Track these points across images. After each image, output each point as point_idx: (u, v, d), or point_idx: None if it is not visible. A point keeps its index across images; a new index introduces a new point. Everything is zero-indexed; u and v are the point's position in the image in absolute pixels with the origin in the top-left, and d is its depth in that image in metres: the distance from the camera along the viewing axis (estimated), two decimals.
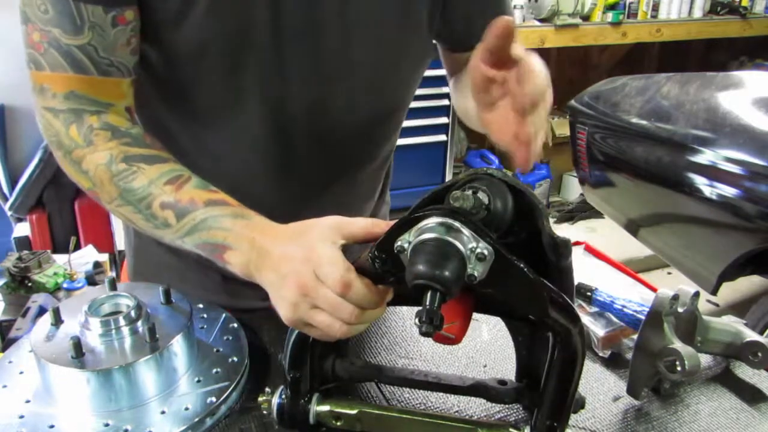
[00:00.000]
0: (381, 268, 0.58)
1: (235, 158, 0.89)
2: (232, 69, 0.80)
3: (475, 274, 0.53)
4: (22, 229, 2.83)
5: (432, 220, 0.54)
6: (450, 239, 0.52)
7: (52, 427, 0.70)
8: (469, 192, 0.55)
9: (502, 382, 0.71)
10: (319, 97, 0.85)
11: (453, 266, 0.51)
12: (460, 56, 0.96)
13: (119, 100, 0.78)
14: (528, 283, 0.56)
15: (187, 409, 0.73)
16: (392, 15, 0.84)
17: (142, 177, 0.72)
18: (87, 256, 2.45)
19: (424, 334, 0.50)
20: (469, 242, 0.53)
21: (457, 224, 0.53)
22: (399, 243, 0.55)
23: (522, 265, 0.55)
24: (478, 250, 0.53)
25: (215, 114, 0.85)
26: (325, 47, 0.82)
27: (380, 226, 0.62)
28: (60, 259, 2.18)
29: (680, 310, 0.81)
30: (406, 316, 0.98)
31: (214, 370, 0.79)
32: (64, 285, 2.04)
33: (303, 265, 0.61)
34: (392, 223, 0.58)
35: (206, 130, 0.87)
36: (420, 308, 0.51)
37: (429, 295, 0.51)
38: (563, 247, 0.59)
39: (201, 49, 0.78)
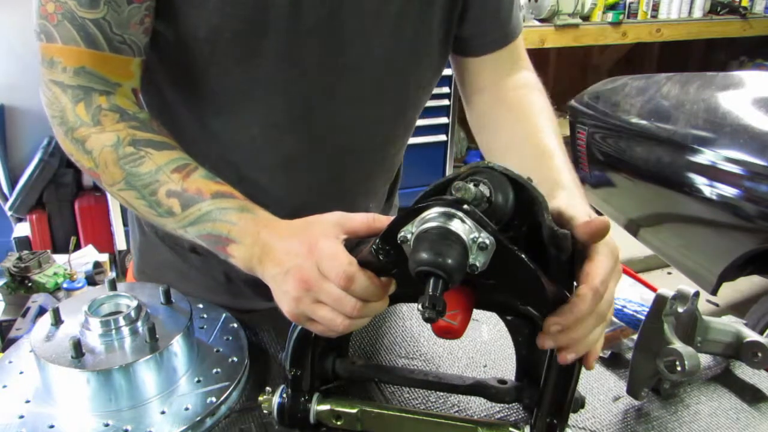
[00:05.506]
0: (384, 259, 0.59)
1: (243, 148, 0.88)
2: (248, 54, 0.79)
3: (477, 264, 0.53)
4: (22, 229, 2.83)
5: (435, 210, 0.54)
6: (452, 228, 0.53)
7: (52, 427, 0.70)
8: (471, 184, 0.55)
9: (502, 382, 0.72)
10: (332, 89, 0.85)
11: (455, 254, 0.52)
12: (469, 62, 0.96)
13: (127, 80, 0.77)
14: (529, 273, 0.56)
15: (187, 409, 0.73)
16: (411, 13, 0.84)
17: (149, 162, 0.72)
18: (87, 256, 2.45)
19: (426, 319, 0.51)
20: (471, 232, 0.53)
21: (459, 214, 0.54)
22: (402, 233, 0.55)
23: (523, 256, 0.55)
24: (480, 240, 0.53)
25: (227, 101, 0.84)
26: (342, 38, 0.81)
27: (381, 220, 0.63)
28: (60, 259, 2.18)
29: (680, 310, 0.81)
30: (405, 316, 0.98)
31: (214, 370, 0.79)
32: (64, 285, 2.04)
33: (306, 259, 0.62)
34: (392, 218, 0.58)
35: (216, 117, 0.86)
36: (423, 296, 0.51)
37: (432, 281, 0.51)
38: (564, 240, 0.59)
39: (217, 32, 0.77)
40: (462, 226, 0.53)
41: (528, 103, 0.91)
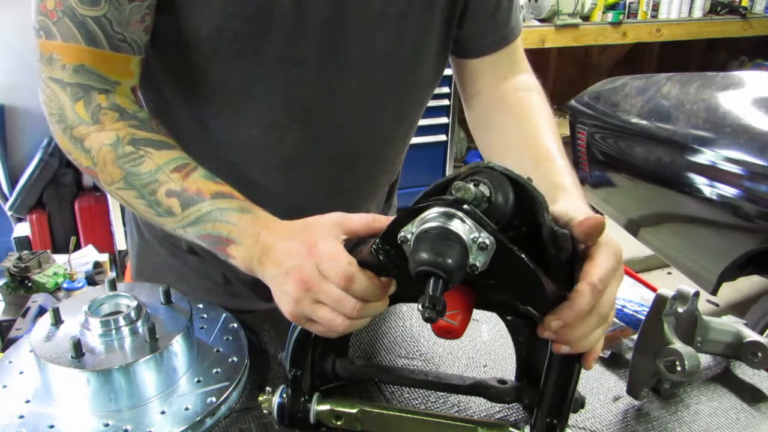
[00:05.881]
0: (384, 259, 0.59)
1: (244, 148, 0.88)
2: (249, 53, 0.79)
3: (477, 264, 0.54)
4: (22, 229, 2.83)
5: (435, 210, 0.54)
6: (452, 228, 0.53)
7: (52, 427, 0.70)
8: (471, 184, 0.55)
9: (502, 382, 0.71)
10: (334, 90, 0.85)
11: (455, 254, 0.52)
12: (468, 64, 0.96)
13: (127, 79, 0.77)
14: (529, 273, 0.56)
15: (187, 409, 0.73)
16: (413, 13, 0.84)
17: (149, 162, 0.72)
18: (87, 256, 2.45)
19: (427, 319, 0.51)
20: (471, 232, 0.53)
21: (459, 214, 0.54)
22: (402, 233, 0.55)
23: (523, 256, 0.55)
24: (480, 240, 0.53)
25: (227, 101, 0.84)
26: (345, 39, 0.81)
27: (381, 221, 0.63)
28: (60, 259, 2.18)
29: (680, 310, 0.81)
30: (405, 316, 0.98)
31: (214, 370, 0.79)
32: (64, 285, 2.04)
33: (305, 260, 0.61)
34: (392, 218, 0.58)
35: (217, 117, 0.86)
36: (423, 296, 0.51)
37: (432, 281, 0.51)
38: (563, 240, 0.59)
39: (219, 31, 0.77)
40: (462, 226, 0.53)
41: (527, 105, 0.91)
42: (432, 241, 0.52)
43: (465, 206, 0.54)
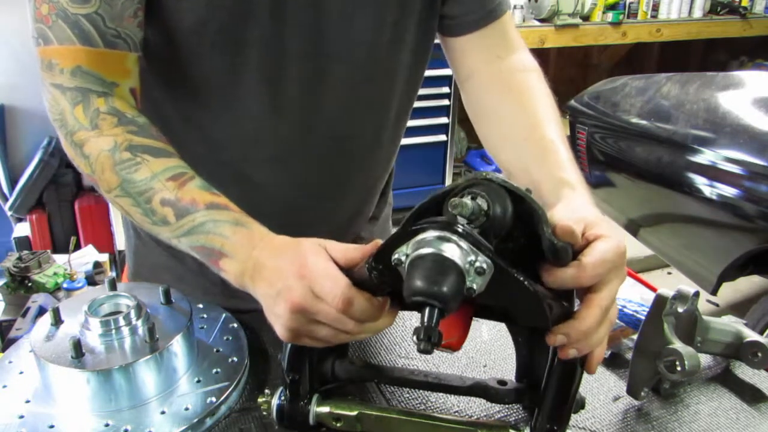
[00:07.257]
0: (378, 279, 0.58)
1: (233, 143, 0.88)
2: (233, 45, 0.79)
3: (474, 287, 0.52)
4: (22, 229, 2.83)
5: (429, 234, 0.53)
6: (447, 255, 0.51)
7: (52, 427, 0.70)
8: (468, 198, 0.54)
9: (502, 383, 0.71)
10: (319, 78, 0.84)
11: (451, 282, 0.50)
12: (457, 42, 0.94)
13: (125, 79, 0.76)
14: (528, 295, 0.55)
15: (187, 409, 0.73)
16: None
17: (145, 169, 0.71)
18: (87, 256, 2.45)
19: (422, 351, 0.50)
20: (467, 256, 0.52)
21: (455, 238, 0.52)
22: (396, 256, 0.54)
23: (522, 278, 0.53)
24: (477, 264, 0.52)
25: (215, 96, 0.84)
26: (325, 25, 0.81)
27: (376, 244, 0.60)
28: (60, 259, 2.18)
29: (680, 310, 0.81)
30: (405, 316, 0.98)
31: (214, 370, 0.79)
32: (64, 285, 2.03)
33: (296, 281, 0.60)
34: (368, 247, 0.57)
35: (205, 113, 0.86)
36: (418, 325, 0.50)
37: (427, 311, 0.50)
38: (563, 253, 0.58)
39: (201, 23, 0.77)
40: (458, 251, 0.51)
41: (527, 88, 0.89)
42: (427, 269, 0.51)
43: (460, 228, 0.52)
